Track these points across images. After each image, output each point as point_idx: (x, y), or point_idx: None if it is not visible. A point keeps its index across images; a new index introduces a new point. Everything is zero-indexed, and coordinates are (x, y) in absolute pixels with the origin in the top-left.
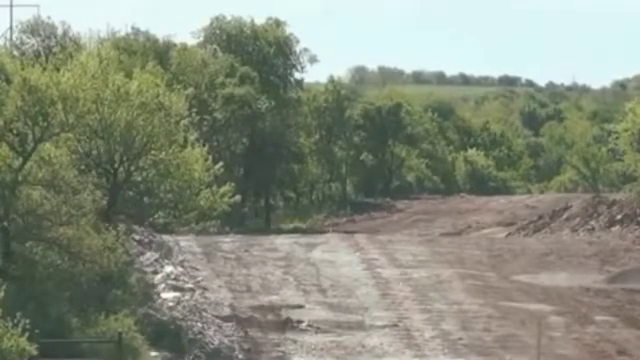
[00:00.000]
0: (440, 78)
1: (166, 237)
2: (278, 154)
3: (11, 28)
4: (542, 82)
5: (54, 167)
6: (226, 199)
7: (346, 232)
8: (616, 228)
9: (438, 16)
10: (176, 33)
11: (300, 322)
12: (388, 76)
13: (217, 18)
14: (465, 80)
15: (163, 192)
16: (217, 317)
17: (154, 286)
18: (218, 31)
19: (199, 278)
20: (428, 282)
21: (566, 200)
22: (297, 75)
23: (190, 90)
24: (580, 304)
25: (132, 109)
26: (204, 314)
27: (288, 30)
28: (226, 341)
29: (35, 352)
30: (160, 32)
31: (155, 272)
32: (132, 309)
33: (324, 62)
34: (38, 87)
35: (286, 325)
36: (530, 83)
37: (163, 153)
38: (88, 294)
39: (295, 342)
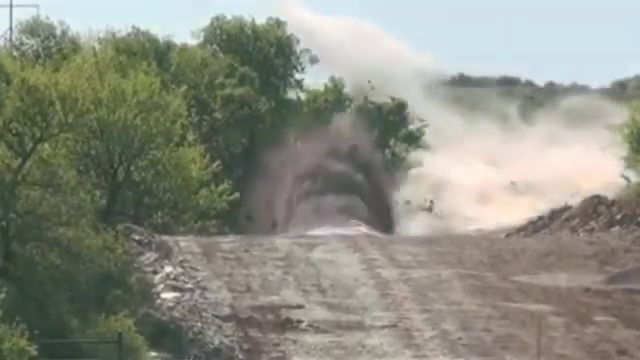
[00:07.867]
0: None
1: (165, 237)
2: None
3: (11, 28)
4: (541, 82)
5: (53, 167)
6: (224, 197)
7: None
8: (616, 228)
9: (437, 16)
10: (176, 33)
11: (300, 322)
12: None
13: (217, 18)
14: (464, 80)
15: (162, 191)
16: (217, 317)
17: (154, 286)
18: (218, 31)
19: (199, 278)
20: (428, 282)
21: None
22: (297, 76)
23: (184, 88)
24: (580, 304)
25: (129, 109)
26: (204, 314)
27: (289, 30)
28: (226, 341)
29: (35, 352)
30: (160, 32)
31: (155, 272)
32: (132, 309)
33: (324, 62)
34: (37, 87)
35: (286, 325)
36: (530, 83)
37: (161, 153)
38: (88, 294)
39: (295, 342)
